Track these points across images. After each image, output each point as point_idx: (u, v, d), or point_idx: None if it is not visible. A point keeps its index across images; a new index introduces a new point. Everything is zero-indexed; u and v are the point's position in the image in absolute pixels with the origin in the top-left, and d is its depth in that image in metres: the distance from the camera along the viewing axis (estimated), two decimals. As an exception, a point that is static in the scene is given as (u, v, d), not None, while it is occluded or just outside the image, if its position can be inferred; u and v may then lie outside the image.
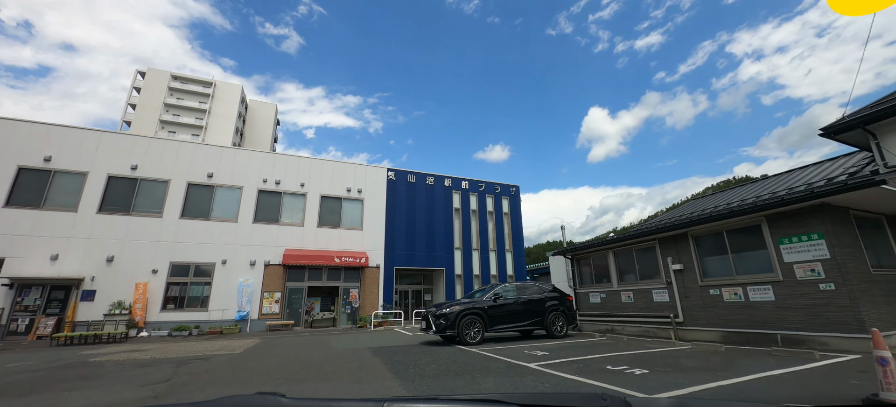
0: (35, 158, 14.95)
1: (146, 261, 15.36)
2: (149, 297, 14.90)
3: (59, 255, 14.29)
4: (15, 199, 14.37)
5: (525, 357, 7.29)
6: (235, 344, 11.35)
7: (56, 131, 15.54)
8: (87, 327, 13.39)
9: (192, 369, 7.08)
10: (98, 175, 15.62)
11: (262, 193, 18.10)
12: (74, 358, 8.85)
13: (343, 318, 17.99)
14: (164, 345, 11.34)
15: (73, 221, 14.83)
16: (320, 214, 18.95)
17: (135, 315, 14.38)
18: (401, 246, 20.32)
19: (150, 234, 15.73)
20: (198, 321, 15.38)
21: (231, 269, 16.52)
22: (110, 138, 16.25)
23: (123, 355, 8.96)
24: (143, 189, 16.21)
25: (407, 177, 21.79)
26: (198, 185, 17.10)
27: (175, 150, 17.16)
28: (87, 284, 14.36)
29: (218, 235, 16.72)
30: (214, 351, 9.67)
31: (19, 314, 13.63)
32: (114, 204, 15.61)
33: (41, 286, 14.06)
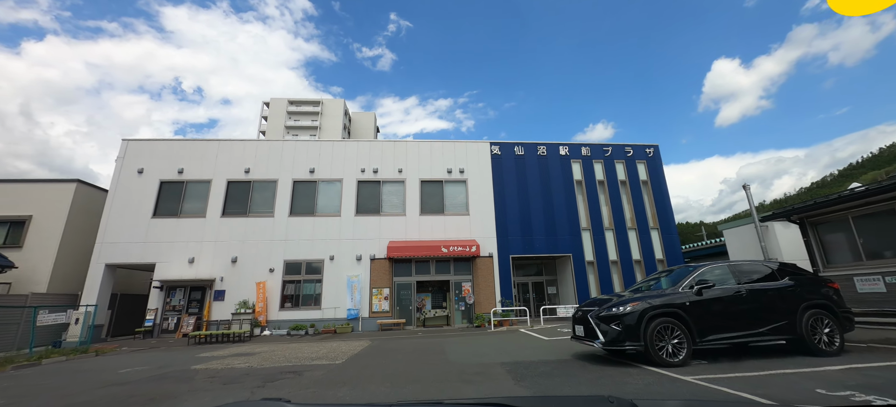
0: (172, 172, 16.26)
1: (264, 260, 15.43)
2: (268, 295, 14.85)
3: (194, 258, 15.14)
4: (159, 210, 15.76)
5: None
6: (343, 348, 9.75)
7: (186, 145, 16.76)
8: (217, 326, 13.72)
9: (270, 392, 5.21)
10: (219, 181, 16.34)
11: (361, 184, 17.01)
12: (184, 362, 8.15)
13: (457, 316, 15.69)
14: (274, 347, 10.44)
15: (202, 226, 15.67)
16: (422, 200, 17.05)
17: (258, 314, 14.38)
18: (515, 231, 17.16)
19: (265, 233, 15.81)
20: (313, 320, 14.81)
21: (338, 265, 15.68)
22: (227, 145, 16.94)
23: (224, 363, 7.90)
24: (256, 190, 16.47)
25: (513, 150, 18.51)
26: (302, 182, 16.78)
27: (279, 149, 17.16)
28: (218, 284, 14.92)
29: (324, 231, 16.07)
30: (315, 359, 8.01)
31: (169, 313, 14.77)
32: (234, 207, 16.12)
33: (183, 288, 15.07)
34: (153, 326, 14.17)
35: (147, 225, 15.45)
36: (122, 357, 9.91)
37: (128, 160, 16.25)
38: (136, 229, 15.36)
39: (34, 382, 6.81)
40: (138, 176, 16.07)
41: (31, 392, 5.95)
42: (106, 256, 14.92)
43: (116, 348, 11.82)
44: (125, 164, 16.20)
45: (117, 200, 15.68)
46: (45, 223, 15.47)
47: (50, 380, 6.92)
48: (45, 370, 8.32)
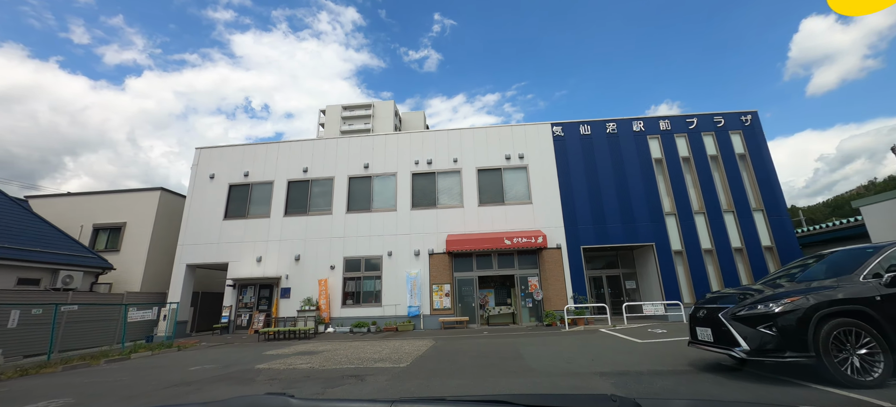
0: (238, 176, 16.95)
1: (324, 258, 15.44)
2: (330, 293, 14.81)
3: (261, 257, 15.60)
4: (230, 213, 16.50)
5: None
6: (406, 349, 9.04)
7: (249, 149, 17.40)
8: (284, 323, 13.89)
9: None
10: (281, 182, 16.71)
11: (415, 176, 16.38)
12: (250, 360, 7.96)
13: (524, 313, 14.41)
14: (337, 346, 10.06)
15: (267, 226, 16.10)
16: (479, 190, 15.98)
17: (321, 311, 14.37)
18: (585, 219, 15.39)
19: (325, 231, 15.83)
20: (374, 317, 14.48)
21: (397, 261, 15.19)
22: (286, 147, 17.30)
23: (286, 362, 7.54)
24: (315, 189, 16.59)
25: (578, 130, 16.67)
26: (357, 178, 16.59)
27: (334, 147, 17.14)
28: (283, 282, 15.20)
29: (380, 227, 15.70)
30: (378, 361, 7.33)
31: (242, 310, 15.35)
32: (295, 206, 16.38)
33: (253, 286, 15.59)
34: (228, 323, 14.81)
35: (220, 227, 16.25)
36: (198, 353, 10.16)
37: (201, 167, 17.26)
38: (211, 231, 16.22)
39: (112, 377, 6.92)
40: (210, 181, 16.99)
41: (101, 390, 5.91)
42: (186, 257, 15.93)
43: (196, 344, 12.36)
44: (199, 171, 17.23)
45: (193, 205, 16.70)
46: (136, 228, 16.96)
47: (126, 376, 7.01)
48: (129, 365, 8.65)
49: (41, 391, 6.02)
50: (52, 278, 13.02)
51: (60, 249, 13.82)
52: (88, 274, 14.25)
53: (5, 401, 5.27)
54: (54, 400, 5.26)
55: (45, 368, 8.20)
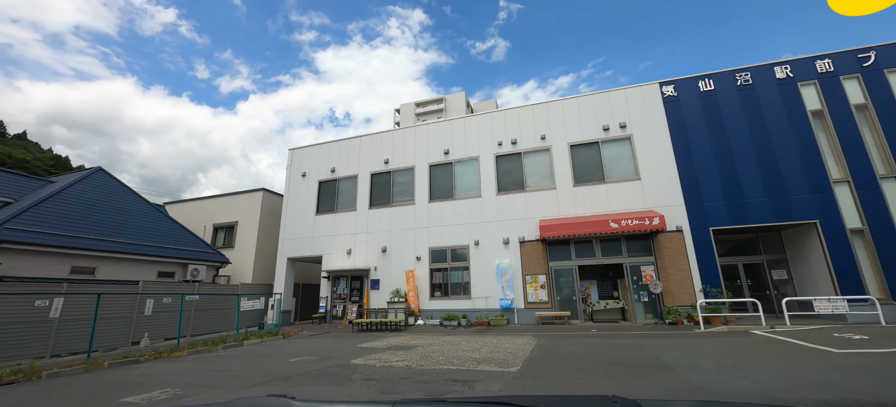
0: (326, 172, 17.56)
1: (410, 249, 15.11)
2: (418, 284, 14.40)
3: (351, 250, 15.89)
4: (321, 208, 17.17)
5: None
6: (506, 347, 7.92)
7: (334, 146, 17.92)
8: (375, 314, 13.86)
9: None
10: (364, 175, 16.85)
11: (499, 159, 15.09)
12: (346, 353, 7.62)
13: (638, 309, 12.23)
14: (430, 340, 9.37)
15: (355, 218, 16.36)
16: (574, 169, 14.07)
17: (411, 303, 14.04)
18: (713, 194, 12.53)
19: (408, 222, 15.50)
20: (464, 310, 13.68)
21: (484, 250, 14.15)
22: (367, 140, 17.40)
23: (381, 358, 6.96)
24: (396, 180, 16.37)
25: (696, 87, 13.66)
26: (438, 165, 15.91)
27: (413, 136, 16.71)
28: (372, 273, 15.26)
29: (465, 215, 14.80)
30: (481, 363, 6.31)
31: (337, 301, 15.83)
32: (379, 198, 16.37)
33: (345, 277, 15.97)
34: (325, 313, 15.38)
35: (313, 222, 17.02)
36: (299, 342, 10.37)
37: (293, 167, 18.32)
38: (305, 226, 17.08)
39: (224, 366, 7.06)
40: (302, 179, 17.91)
41: (210, 381, 5.88)
42: (286, 251, 17.01)
43: (298, 332, 12.90)
44: (292, 170, 18.30)
45: (290, 202, 17.78)
46: (246, 226, 18.70)
47: (234, 365, 7.10)
48: (241, 352, 9.03)
49: (161, 378, 6.24)
50: (183, 272, 14.78)
51: (189, 245, 15.68)
52: (211, 267, 15.97)
53: (125, 386, 5.48)
54: (164, 390, 5.28)
55: (174, 352, 8.93)
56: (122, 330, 10.77)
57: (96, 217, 13.22)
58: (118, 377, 6.48)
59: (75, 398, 5.20)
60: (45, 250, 10.90)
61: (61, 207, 12.35)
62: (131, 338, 11.01)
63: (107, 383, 6.01)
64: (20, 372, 6.59)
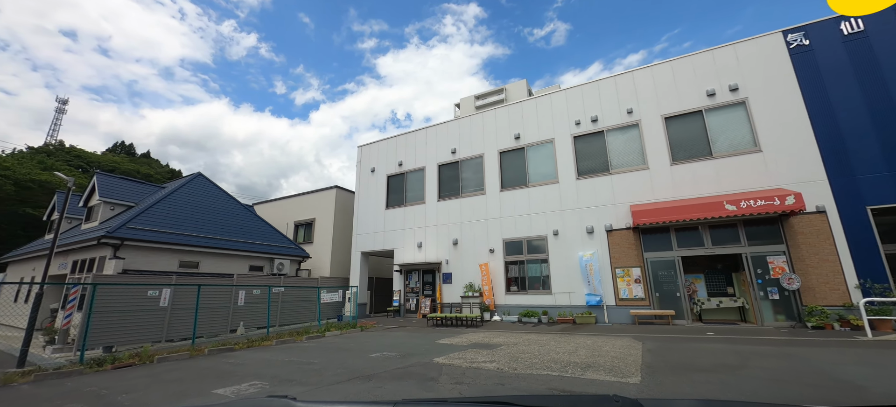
0: (394, 166, 17.55)
1: (482, 241, 14.37)
2: (492, 278, 13.61)
3: (421, 243, 15.64)
4: (390, 202, 17.22)
5: None
6: (607, 350, 6.77)
7: (400, 139, 17.83)
8: (450, 309, 13.38)
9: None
10: (431, 167, 16.48)
11: (578, 140, 13.61)
12: (426, 349, 7.13)
13: (765, 308, 10.02)
14: (513, 339, 8.52)
15: (424, 211, 16.08)
16: (670, 144, 12.10)
17: (485, 297, 13.32)
18: (869, 162, 9.78)
19: (480, 212, 14.76)
20: (543, 306, 12.58)
21: (565, 241, 12.86)
22: (433, 131, 16.99)
23: (465, 357, 6.30)
24: (465, 169, 15.71)
25: (836, 31, 10.79)
26: (508, 152, 14.90)
27: (480, 123, 15.87)
28: (444, 267, 14.82)
29: (540, 203, 13.62)
30: (585, 367, 5.31)
31: (409, 295, 15.71)
32: (447, 190, 15.87)
33: (417, 271, 15.77)
34: (399, 306, 15.34)
35: (383, 216, 17.13)
36: (377, 336, 10.23)
37: (363, 163, 18.66)
38: (376, 221, 17.27)
39: (307, 358, 6.98)
40: (371, 175, 18.14)
41: (294, 375, 5.71)
42: (360, 246, 17.37)
43: (374, 325, 12.94)
44: (362, 167, 18.65)
45: (361, 198, 18.15)
46: (322, 223, 19.56)
47: (317, 359, 6.98)
48: (324, 344, 9.08)
49: (251, 368, 6.27)
50: (271, 266, 15.79)
51: (275, 242, 16.76)
52: (294, 262, 16.90)
53: (219, 376, 5.53)
54: (253, 383, 5.17)
55: (265, 341, 9.27)
56: (221, 319, 11.65)
57: (199, 217, 14.62)
58: (215, 365, 6.70)
59: (175, 385, 5.34)
60: (158, 246, 12.22)
61: (170, 209, 13.84)
62: (230, 326, 11.87)
63: (204, 372, 6.19)
64: (137, 356, 7.17)
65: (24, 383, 5.57)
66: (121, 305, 9.26)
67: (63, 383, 5.52)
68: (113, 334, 9.06)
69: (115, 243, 11.10)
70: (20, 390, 5.20)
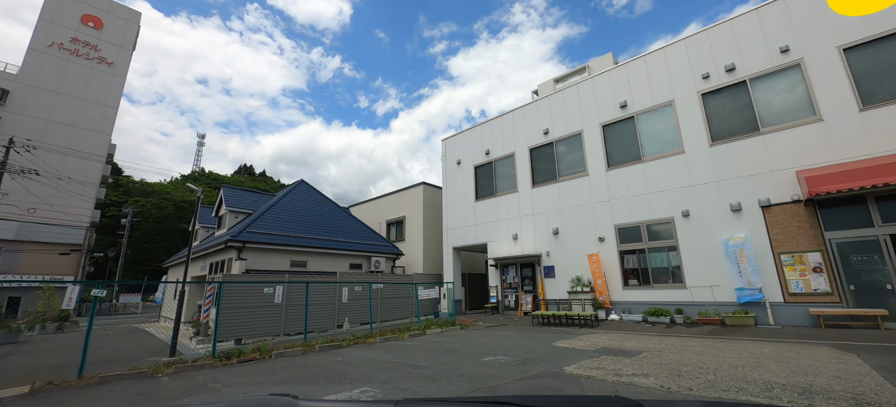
0: (480, 156, 16.65)
1: (588, 228, 12.60)
2: (605, 270, 11.78)
3: (517, 235, 14.44)
4: (479, 194, 16.36)
5: None
6: (809, 364, 4.81)
7: (486, 127, 16.85)
8: (557, 306, 11.95)
9: None
10: (522, 152, 15.16)
11: (708, 97, 10.98)
12: (544, 354, 5.99)
13: None
14: (650, 342, 6.84)
15: (517, 200, 14.85)
16: (855, 85, 8.88)
17: (598, 293, 11.58)
18: None
19: (583, 196, 12.99)
20: (676, 303, 10.38)
21: (699, 222, 10.45)
22: (521, 113, 15.64)
23: (599, 365, 4.98)
24: (560, 150, 14.04)
25: None
26: (613, 124, 12.82)
27: (575, 97, 14.01)
28: (545, 259, 13.41)
29: (661, 179, 11.34)
30: (802, 391, 3.61)
31: (507, 291, 14.64)
32: (542, 175, 14.40)
33: (514, 265, 14.62)
34: (497, 303, 14.38)
35: (473, 209, 16.36)
36: (481, 335, 9.39)
37: (448, 157, 18.15)
38: (466, 214, 16.57)
39: (414, 361, 6.39)
40: (457, 167, 17.52)
41: (405, 382, 5.07)
42: (451, 241, 16.88)
43: (474, 323, 12.18)
44: (447, 160, 18.16)
45: (448, 192, 17.65)
46: (412, 220, 19.63)
47: (425, 361, 6.33)
48: (426, 342, 8.54)
49: (360, 370, 5.88)
50: (368, 263, 16.19)
51: (370, 240, 17.22)
52: (389, 259, 17.15)
53: (330, 376, 5.16)
54: (364, 389, 4.64)
55: (369, 338, 9.12)
56: (328, 314, 12.09)
57: (304, 219, 15.66)
58: (325, 364, 6.52)
59: (288, 386, 5.12)
60: (272, 248, 13.25)
61: (280, 214, 15.02)
62: (336, 321, 12.28)
63: (315, 372, 5.99)
64: (258, 350, 7.42)
65: (166, 374, 5.98)
66: (244, 302, 10.01)
67: (195, 377, 5.77)
68: (240, 328, 9.83)
69: (238, 246, 12.27)
70: (160, 382, 5.53)
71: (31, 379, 5.39)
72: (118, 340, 11.76)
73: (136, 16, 41.54)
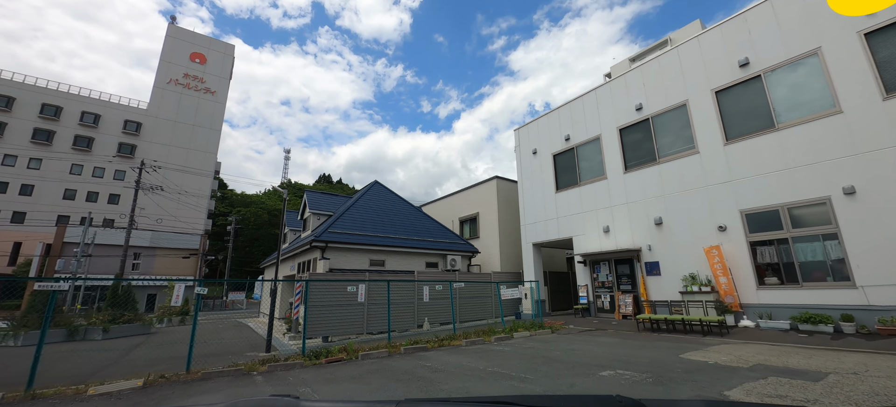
0: (559, 143, 15.18)
1: (702, 216, 10.54)
2: (730, 266, 9.66)
3: (608, 227, 12.77)
4: (560, 184, 14.91)
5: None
6: None
7: (564, 111, 15.33)
8: (668, 309, 10.14)
9: None
10: (609, 133, 13.40)
11: (872, 37, 8.33)
12: (678, 370, 4.69)
13: None
14: (825, 360, 5.05)
15: (606, 188, 13.15)
16: None
17: (722, 293, 9.54)
18: None
19: (692, 178, 10.92)
20: (841, 306, 8.01)
21: (871, 202, 7.94)
22: (605, 91, 13.86)
23: (776, 390, 3.57)
24: (659, 126, 12.05)
25: None
26: (728, 88, 10.54)
27: (675, 61, 11.90)
28: (646, 254, 11.58)
29: (805, 150, 8.93)
30: None
31: (600, 291, 13.02)
32: (636, 157, 12.53)
33: (606, 261, 12.95)
34: (588, 304, 12.85)
35: (554, 201, 14.97)
36: (579, 341, 8.18)
37: (522, 147, 16.94)
38: (546, 207, 15.24)
39: (516, 371, 5.51)
40: (534, 157, 16.24)
41: (518, 397, 4.20)
42: (530, 237, 15.67)
43: (563, 326, 10.92)
44: (521, 151, 16.96)
45: (525, 185, 16.46)
46: (486, 216, 18.79)
47: (526, 371, 5.41)
48: (518, 348, 7.62)
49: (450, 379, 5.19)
50: (444, 262, 15.73)
51: (445, 238, 16.79)
52: (464, 257, 16.53)
53: (414, 381, 4.54)
54: None
55: (454, 341, 8.48)
56: (408, 314, 11.81)
57: (380, 219, 15.76)
58: (412, 369, 5.98)
59: (380, 393, 4.60)
60: (352, 247, 13.43)
61: (358, 214, 15.28)
62: (415, 321, 11.95)
63: (404, 376, 5.45)
64: (344, 350, 7.19)
65: (260, 373, 5.94)
66: (329, 300, 10.09)
67: (285, 378, 5.61)
68: (326, 326, 9.92)
69: (321, 246, 12.62)
70: (254, 381, 5.45)
71: (147, 372, 5.68)
72: (225, 334, 12.84)
73: (231, 48, 47.24)
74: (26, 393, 4.64)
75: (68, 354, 8.19)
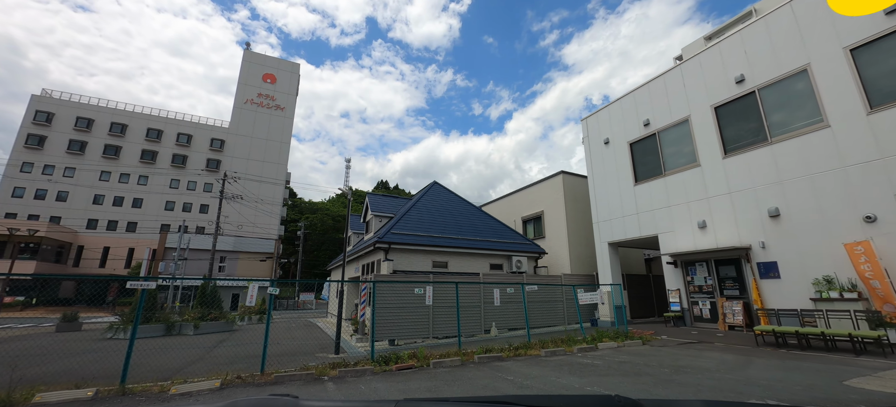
0: (637, 129, 13.55)
1: (837, 205, 8.49)
2: (887, 267, 7.58)
3: (704, 221, 10.98)
4: (639, 175, 13.29)
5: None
6: None
7: (640, 93, 13.68)
8: (798, 319, 8.25)
9: None
10: (700, 113, 11.58)
11: None
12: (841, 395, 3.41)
13: None
14: None
15: (700, 176, 11.35)
16: None
17: (877, 301, 7.51)
18: None
19: (821, 160, 8.88)
20: None
21: None
22: (693, 65, 12.04)
23: None
24: (768, 100, 10.06)
25: None
26: (867, 44, 8.39)
27: (789, 18, 9.84)
28: (758, 253, 9.68)
29: None
30: None
31: (697, 297, 11.23)
32: (737, 139, 10.63)
33: (702, 262, 11.16)
34: (682, 312, 11.14)
35: (633, 194, 13.37)
36: (681, 355, 6.87)
37: (591, 137, 15.48)
38: (623, 202, 13.68)
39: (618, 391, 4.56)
40: (606, 147, 14.72)
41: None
42: (604, 235, 14.19)
43: (653, 336, 9.48)
44: (590, 142, 15.51)
45: (596, 179, 14.99)
46: (552, 214, 17.52)
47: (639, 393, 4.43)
48: (610, 361, 6.56)
49: (548, 397, 4.34)
50: (509, 264, 14.85)
51: (510, 239, 15.90)
52: (531, 259, 15.49)
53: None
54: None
55: (530, 350, 7.64)
56: (474, 318, 11.15)
57: (441, 220, 15.35)
58: (491, 381, 5.29)
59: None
60: (415, 249, 13.14)
61: (419, 215, 15.02)
62: (482, 326, 11.25)
63: (484, 391, 4.77)
64: (414, 357, 6.72)
65: (330, 378, 5.66)
66: (395, 302, 9.79)
67: (356, 385, 5.24)
68: (393, 329, 9.62)
69: (385, 247, 12.48)
70: (325, 387, 5.14)
71: (226, 371, 5.69)
72: (297, 332, 13.25)
73: (296, 67, 50.89)
74: (119, 387, 4.77)
75: (163, 350, 8.79)
